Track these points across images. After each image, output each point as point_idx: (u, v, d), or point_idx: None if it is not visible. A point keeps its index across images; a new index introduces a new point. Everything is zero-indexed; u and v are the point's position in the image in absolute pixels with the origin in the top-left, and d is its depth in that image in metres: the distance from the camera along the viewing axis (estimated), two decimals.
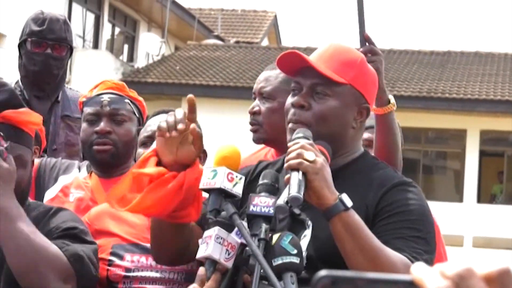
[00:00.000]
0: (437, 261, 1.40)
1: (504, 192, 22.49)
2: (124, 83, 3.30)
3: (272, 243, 2.15)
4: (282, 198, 2.15)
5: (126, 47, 24.63)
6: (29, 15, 3.99)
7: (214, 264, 2.21)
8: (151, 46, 22.74)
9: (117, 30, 23.96)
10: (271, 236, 2.18)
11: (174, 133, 2.31)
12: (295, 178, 2.13)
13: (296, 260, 2.14)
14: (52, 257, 2.43)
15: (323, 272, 0.92)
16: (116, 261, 2.72)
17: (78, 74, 19.10)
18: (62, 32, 3.90)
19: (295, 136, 2.29)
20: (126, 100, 3.21)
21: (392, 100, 2.98)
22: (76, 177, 3.22)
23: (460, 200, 21.11)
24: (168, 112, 2.90)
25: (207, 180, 2.26)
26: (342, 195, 2.18)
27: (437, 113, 20.39)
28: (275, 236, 2.17)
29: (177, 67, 21.88)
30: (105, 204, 2.95)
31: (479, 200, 21.32)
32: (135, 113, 3.22)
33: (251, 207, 2.21)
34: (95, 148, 3.15)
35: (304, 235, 2.33)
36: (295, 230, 2.30)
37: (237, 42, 26.59)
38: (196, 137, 2.34)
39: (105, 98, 3.18)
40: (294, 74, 2.45)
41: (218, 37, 26.19)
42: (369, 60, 2.98)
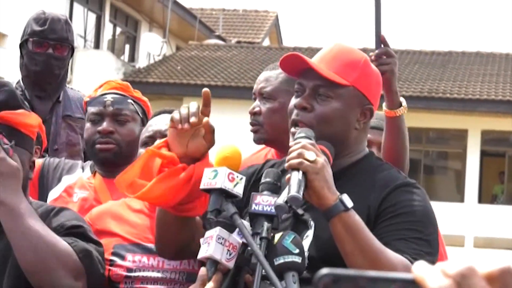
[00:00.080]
0: (438, 262, 1.40)
1: (505, 192, 22.47)
2: (128, 83, 3.30)
3: (274, 242, 2.16)
4: (282, 198, 2.15)
5: (127, 47, 24.63)
6: (31, 15, 3.99)
7: (215, 264, 2.21)
8: (152, 46, 22.73)
9: (118, 30, 23.95)
10: (273, 235, 2.18)
11: (186, 126, 2.31)
12: (295, 177, 2.13)
13: (298, 259, 2.14)
14: (63, 252, 2.42)
15: (324, 270, 0.92)
16: (118, 261, 2.72)
17: (80, 74, 19.09)
18: (64, 32, 3.90)
19: (297, 136, 2.29)
20: (129, 100, 3.21)
21: (404, 103, 2.99)
22: (80, 177, 3.21)
23: (461, 200, 21.10)
24: (169, 112, 2.91)
25: (208, 180, 2.27)
26: (343, 195, 2.18)
27: (438, 113, 20.38)
28: (277, 235, 2.18)
29: (179, 67, 21.88)
30: (106, 204, 2.95)
31: (480, 201, 21.31)
32: (138, 113, 3.22)
33: (253, 206, 2.22)
34: (98, 147, 3.15)
35: (307, 235, 2.33)
36: (298, 230, 2.30)
37: (238, 42, 26.58)
38: (208, 131, 2.35)
39: (109, 98, 3.19)
40: (297, 75, 2.45)
41: (219, 37, 26.18)
42: (384, 62, 2.99)
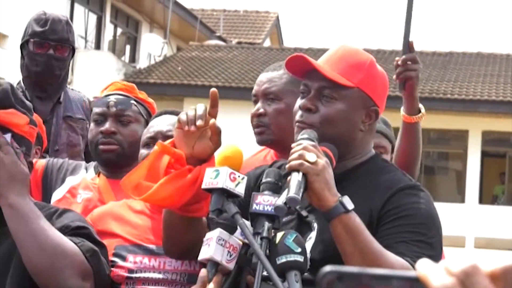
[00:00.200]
0: None
1: (506, 193, 22.47)
2: (134, 85, 3.30)
3: (276, 242, 2.16)
4: (281, 199, 2.15)
5: (128, 47, 24.64)
6: (31, 15, 3.99)
7: (216, 265, 2.21)
8: (153, 46, 22.73)
9: (119, 30, 23.96)
10: (275, 234, 2.18)
11: (193, 128, 2.32)
12: (295, 179, 2.14)
13: (300, 258, 2.14)
14: (70, 253, 2.43)
15: (328, 268, 0.92)
16: (119, 262, 2.71)
17: (80, 75, 19.11)
18: (64, 33, 3.90)
19: (300, 137, 2.29)
20: (132, 101, 3.21)
21: (423, 110, 3.00)
22: (84, 178, 3.21)
23: (462, 201, 21.09)
24: (171, 113, 2.91)
25: (210, 180, 2.27)
26: (344, 197, 2.17)
27: (439, 114, 20.36)
28: (279, 234, 2.18)
29: (179, 68, 21.88)
30: (107, 205, 2.95)
31: (481, 201, 21.30)
32: (142, 115, 3.21)
33: (254, 206, 2.22)
34: (101, 148, 3.15)
35: (310, 237, 2.33)
36: (302, 231, 2.30)
37: (239, 42, 26.58)
38: (214, 133, 2.36)
39: (112, 99, 3.19)
40: (302, 76, 2.45)
41: (220, 38, 26.18)
42: (411, 68, 3.01)
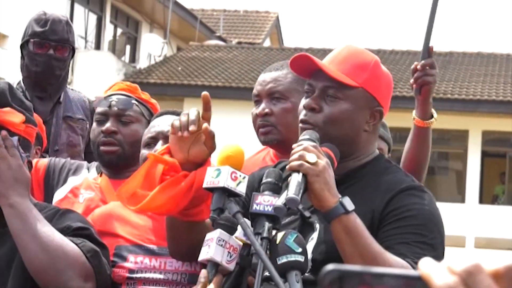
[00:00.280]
0: None
1: (506, 193, 22.46)
2: (137, 86, 3.29)
3: (277, 242, 2.16)
4: (281, 200, 2.15)
5: (128, 48, 24.64)
6: (31, 15, 3.99)
7: (216, 266, 2.21)
8: (153, 47, 22.72)
9: (119, 31, 23.96)
10: (275, 234, 2.18)
11: (186, 134, 2.32)
12: (295, 179, 2.14)
13: (301, 258, 2.13)
14: (72, 254, 2.43)
15: (330, 267, 0.92)
16: (119, 262, 2.71)
17: (80, 75, 19.11)
18: (65, 33, 3.90)
19: (301, 138, 2.30)
20: (134, 101, 3.20)
21: (435, 115, 3.01)
22: (86, 178, 3.21)
23: (462, 201, 21.09)
24: (172, 113, 2.91)
25: (211, 179, 2.27)
26: (344, 198, 2.17)
27: (439, 114, 19.94)
28: (280, 234, 2.18)
29: (179, 68, 21.88)
30: (108, 205, 2.95)
31: (481, 201, 21.29)
32: (144, 115, 3.21)
33: (254, 206, 2.22)
34: (102, 149, 3.15)
35: (312, 237, 2.33)
36: (305, 232, 2.30)
37: (239, 43, 26.58)
38: (208, 137, 2.36)
39: (114, 98, 3.19)
40: (307, 75, 2.45)
41: (220, 38, 26.18)
42: (429, 74, 3.01)
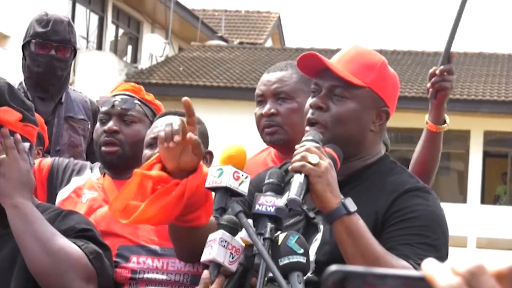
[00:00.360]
0: None
1: (507, 193, 22.45)
2: (141, 86, 3.29)
3: (279, 243, 2.15)
4: (283, 200, 2.15)
5: (129, 48, 24.64)
6: (33, 16, 3.99)
7: (218, 267, 2.22)
8: (154, 47, 22.73)
9: (120, 31, 23.97)
10: (277, 235, 2.18)
11: (172, 144, 2.32)
12: (297, 180, 2.14)
13: (303, 259, 2.13)
14: (74, 255, 2.43)
15: (334, 267, 0.92)
16: (122, 262, 2.71)
17: (82, 76, 19.11)
18: (66, 33, 3.90)
19: (304, 138, 2.29)
20: (137, 101, 3.20)
21: (448, 121, 3.02)
22: (89, 178, 3.20)
23: (464, 201, 21.08)
24: (174, 114, 2.91)
25: (213, 178, 2.27)
26: (346, 199, 2.17)
27: None
28: (282, 235, 2.17)
29: (181, 68, 21.88)
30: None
31: (483, 201, 21.29)
32: (147, 116, 3.20)
33: (257, 206, 2.21)
34: (104, 150, 3.15)
35: (316, 238, 2.33)
36: (309, 233, 2.31)
37: (240, 43, 26.57)
38: (193, 146, 2.34)
39: (117, 98, 3.19)
40: (314, 75, 2.45)
41: (221, 38, 26.18)
42: (447, 79, 3.01)
